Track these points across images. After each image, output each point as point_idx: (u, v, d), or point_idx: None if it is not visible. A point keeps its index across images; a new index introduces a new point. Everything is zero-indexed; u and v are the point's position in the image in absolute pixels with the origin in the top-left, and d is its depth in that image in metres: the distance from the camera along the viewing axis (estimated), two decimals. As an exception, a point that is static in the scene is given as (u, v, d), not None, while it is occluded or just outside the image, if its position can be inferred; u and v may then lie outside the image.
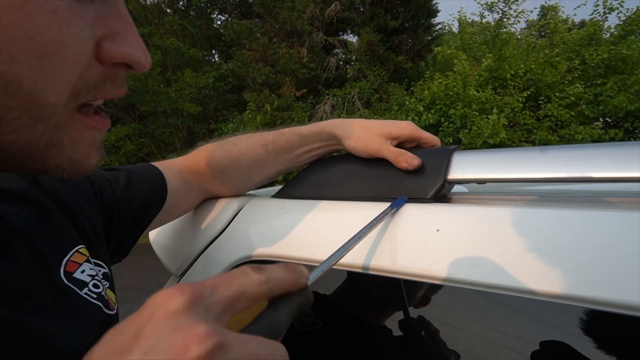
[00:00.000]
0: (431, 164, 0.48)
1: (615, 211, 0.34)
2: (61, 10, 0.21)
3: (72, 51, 0.22)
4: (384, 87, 7.80)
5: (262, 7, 8.18)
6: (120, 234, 0.47)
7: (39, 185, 0.37)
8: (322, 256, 0.46)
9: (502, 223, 0.38)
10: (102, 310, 0.35)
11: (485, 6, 7.39)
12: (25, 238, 0.32)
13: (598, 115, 5.69)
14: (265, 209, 0.57)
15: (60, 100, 0.23)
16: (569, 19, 8.32)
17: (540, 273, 0.33)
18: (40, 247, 0.32)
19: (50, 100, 0.22)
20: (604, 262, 0.31)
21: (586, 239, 0.33)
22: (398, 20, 8.36)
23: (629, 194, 0.46)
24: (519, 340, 0.36)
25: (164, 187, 0.52)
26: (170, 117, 8.71)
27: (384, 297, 0.45)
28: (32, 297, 0.30)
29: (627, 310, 0.29)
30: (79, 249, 0.37)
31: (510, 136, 5.72)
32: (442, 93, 6.01)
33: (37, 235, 0.33)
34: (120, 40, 0.24)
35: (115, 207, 0.46)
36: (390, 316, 0.44)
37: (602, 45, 6.08)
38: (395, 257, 0.41)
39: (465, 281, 0.36)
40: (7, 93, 0.20)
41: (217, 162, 0.57)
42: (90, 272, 0.36)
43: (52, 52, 0.21)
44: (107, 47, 0.23)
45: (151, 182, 0.51)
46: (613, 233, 0.32)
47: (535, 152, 0.44)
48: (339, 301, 0.48)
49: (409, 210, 0.44)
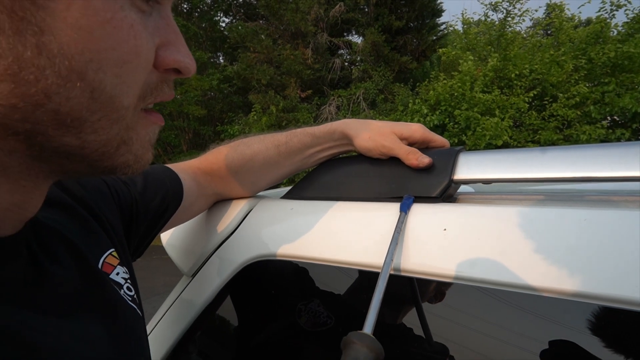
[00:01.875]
0: (437, 164, 0.49)
1: (618, 210, 0.35)
2: (136, 24, 0.23)
3: (143, 59, 0.24)
4: (389, 87, 7.79)
5: (267, 9, 8.23)
6: (138, 235, 0.48)
7: (70, 193, 0.38)
8: (330, 255, 0.47)
9: (508, 222, 0.38)
10: (136, 312, 0.37)
11: (490, 6, 7.36)
12: (65, 241, 0.33)
13: (605, 116, 5.63)
14: (275, 210, 0.58)
15: (131, 103, 0.25)
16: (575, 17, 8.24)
17: (545, 271, 0.34)
18: (80, 250, 0.34)
19: (125, 103, 0.25)
20: (608, 259, 0.32)
21: (590, 238, 0.34)
22: (402, 21, 8.36)
23: (633, 192, 0.47)
24: (528, 338, 0.37)
25: (180, 189, 0.53)
26: (176, 120, 8.78)
27: (394, 295, 0.46)
28: (82, 300, 0.32)
29: (631, 306, 0.30)
30: (112, 252, 0.38)
31: (517, 136, 5.69)
32: (447, 94, 5.99)
33: (74, 238, 0.34)
34: (172, 48, 0.27)
35: (132, 210, 0.46)
36: (400, 314, 0.45)
37: (608, 43, 6.02)
38: (404, 256, 0.42)
39: (472, 279, 0.37)
40: (93, 98, 0.23)
41: (230, 164, 0.58)
42: (123, 275, 0.38)
43: (129, 60, 0.23)
44: (162, 54, 0.26)
45: (167, 184, 0.52)
46: (616, 231, 0.33)
47: (539, 153, 0.44)
48: (349, 299, 0.49)
49: (416, 210, 0.45)
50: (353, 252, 0.46)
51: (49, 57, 0.20)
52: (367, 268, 0.44)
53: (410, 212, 0.45)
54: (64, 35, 0.20)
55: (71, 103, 0.22)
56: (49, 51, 0.20)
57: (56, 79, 0.21)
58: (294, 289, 0.54)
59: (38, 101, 0.21)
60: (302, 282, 0.53)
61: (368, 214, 0.48)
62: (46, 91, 0.21)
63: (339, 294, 0.50)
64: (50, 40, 0.20)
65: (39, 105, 0.21)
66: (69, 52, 0.21)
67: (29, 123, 0.22)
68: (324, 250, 0.48)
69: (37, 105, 0.21)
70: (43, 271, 0.29)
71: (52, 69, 0.21)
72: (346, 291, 0.49)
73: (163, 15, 0.26)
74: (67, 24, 0.20)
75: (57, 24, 0.20)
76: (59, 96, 0.21)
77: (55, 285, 0.30)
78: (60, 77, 0.21)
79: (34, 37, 0.20)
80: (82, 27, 0.21)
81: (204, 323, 0.61)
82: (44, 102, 0.21)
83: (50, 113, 0.22)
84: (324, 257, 0.48)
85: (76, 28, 0.21)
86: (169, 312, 0.64)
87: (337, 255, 0.47)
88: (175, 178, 0.53)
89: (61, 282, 0.30)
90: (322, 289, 0.51)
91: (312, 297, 0.51)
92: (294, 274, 0.54)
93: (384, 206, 0.48)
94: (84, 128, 0.23)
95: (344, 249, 0.47)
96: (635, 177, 0.37)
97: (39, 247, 0.30)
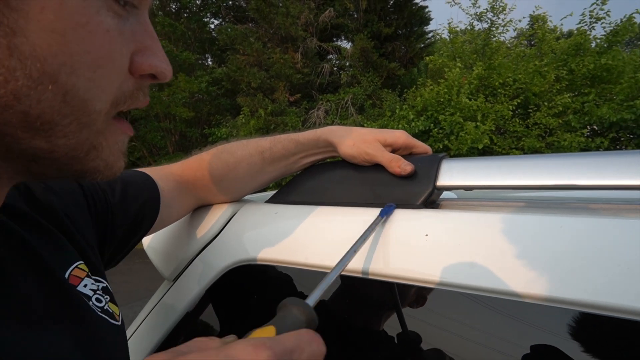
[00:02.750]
0: (421, 171, 0.49)
1: (593, 217, 0.36)
2: (111, 29, 0.23)
3: (117, 65, 0.24)
4: (377, 93, 7.87)
5: (257, 13, 8.22)
6: (114, 245, 0.47)
7: (34, 202, 0.37)
8: (314, 260, 0.47)
9: (489, 228, 0.39)
10: (108, 322, 0.37)
11: (475, 16, 7.53)
12: (30, 253, 0.32)
13: (585, 125, 5.81)
14: (259, 214, 0.58)
15: (103, 108, 0.25)
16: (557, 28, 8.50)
17: (524, 276, 0.35)
18: (45, 262, 0.33)
19: (97, 108, 0.24)
20: (586, 265, 0.33)
21: (566, 244, 0.35)
22: (391, 28, 8.47)
23: (611, 200, 0.48)
24: (508, 343, 0.37)
25: (157, 198, 0.52)
26: (163, 121, 8.66)
27: (377, 300, 0.46)
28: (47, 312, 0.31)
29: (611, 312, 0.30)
30: (78, 265, 0.37)
31: (501, 143, 5.81)
32: (433, 100, 6.09)
33: (39, 250, 0.33)
34: (149, 53, 0.27)
35: (109, 218, 0.45)
36: (383, 318, 0.45)
37: (588, 55, 6.23)
38: (387, 261, 0.42)
39: (453, 284, 0.38)
40: (65, 101, 0.23)
41: (214, 172, 0.57)
42: (92, 287, 0.37)
43: (103, 65, 0.23)
44: (138, 60, 0.26)
45: (145, 193, 0.51)
46: (591, 238, 0.34)
47: (520, 160, 0.45)
48: (332, 305, 0.49)
49: (399, 215, 0.46)
50: (336, 257, 0.46)
51: (20, 59, 0.20)
52: (350, 273, 0.44)
53: (393, 217, 0.45)
54: (36, 38, 0.20)
55: (42, 106, 0.22)
56: (21, 53, 0.20)
57: (27, 81, 0.21)
58: (276, 294, 0.54)
59: (7, 102, 0.21)
60: (286, 287, 0.52)
61: (351, 219, 0.48)
62: (16, 93, 0.21)
63: (322, 299, 0.49)
64: (22, 42, 0.20)
65: (7, 107, 0.21)
66: (42, 55, 0.21)
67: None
68: (308, 256, 0.48)
69: (5, 106, 0.21)
70: (5, 282, 0.28)
71: (22, 71, 0.20)
72: (330, 297, 0.49)
73: (140, 20, 0.26)
74: (41, 26, 0.20)
75: (30, 27, 0.20)
76: (29, 98, 0.21)
77: (20, 297, 0.29)
78: (31, 79, 0.21)
79: (5, 38, 0.20)
80: (55, 30, 0.21)
81: (185, 328, 0.59)
82: (12, 103, 0.21)
83: (19, 115, 0.21)
84: (308, 262, 0.48)
85: (49, 31, 0.21)
86: (149, 317, 0.63)
87: (320, 260, 0.47)
88: (154, 187, 0.52)
89: (26, 294, 0.30)
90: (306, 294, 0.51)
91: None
92: (276, 278, 0.54)
93: (367, 211, 0.48)
94: (54, 132, 0.23)
95: (327, 254, 0.47)
96: (614, 185, 0.38)
97: (1, 258, 0.29)
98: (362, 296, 0.48)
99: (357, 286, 0.47)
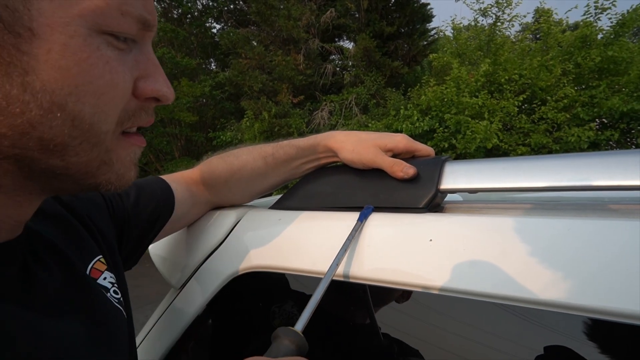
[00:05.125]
0: (424, 174, 0.49)
1: (600, 219, 0.35)
2: (111, 60, 0.27)
3: (119, 91, 0.28)
4: (381, 92, 7.84)
5: (258, 16, 8.24)
6: (131, 244, 0.51)
7: (62, 202, 0.42)
8: (320, 267, 0.47)
9: (495, 232, 0.39)
10: (122, 313, 0.41)
11: (479, 11, 7.46)
12: (55, 250, 0.37)
13: (594, 117, 5.72)
14: (263, 221, 0.58)
15: (110, 128, 0.29)
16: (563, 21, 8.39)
17: (532, 281, 0.34)
18: (68, 257, 0.37)
19: (103, 129, 0.28)
20: (592, 269, 0.32)
21: (572, 247, 0.34)
22: (394, 26, 8.43)
23: (617, 201, 0.47)
24: (513, 348, 0.37)
25: (171, 199, 0.56)
26: (168, 126, 8.73)
27: (378, 306, 0.46)
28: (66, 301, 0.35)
29: (617, 317, 0.30)
30: (99, 259, 0.42)
31: (507, 140, 5.74)
32: (437, 101, 6.05)
33: (64, 247, 0.38)
34: (151, 80, 0.30)
35: (126, 220, 0.50)
36: (383, 325, 0.45)
37: (594, 48, 6.13)
38: (389, 267, 0.42)
39: (459, 290, 0.37)
40: (74, 125, 0.26)
41: (219, 174, 0.61)
42: (110, 280, 0.42)
43: (106, 92, 0.27)
44: (141, 85, 0.30)
45: (159, 194, 0.54)
46: (598, 240, 0.33)
47: (525, 161, 0.45)
48: (333, 312, 0.48)
49: (403, 220, 0.45)
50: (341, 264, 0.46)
51: (32, 93, 0.24)
52: (354, 280, 0.44)
53: (396, 221, 0.45)
54: (45, 75, 0.24)
55: (54, 131, 0.25)
56: (33, 88, 0.24)
57: (39, 111, 0.24)
58: (283, 301, 0.54)
59: (24, 130, 0.25)
60: (293, 294, 0.52)
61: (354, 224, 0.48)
62: (31, 121, 0.24)
63: (328, 305, 0.49)
64: (33, 79, 0.24)
65: (25, 134, 0.25)
66: (50, 88, 0.24)
67: (18, 148, 0.25)
68: (314, 262, 0.48)
69: (23, 133, 0.25)
70: (32, 275, 0.33)
71: (35, 103, 0.24)
72: (337, 303, 0.49)
73: (143, 51, 0.30)
74: (48, 65, 0.24)
75: (39, 66, 0.24)
76: (42, 125, 0.25)
77: (42, 288, 0.33)
78: (43, 109, 0.25)
79: (19, 77, 0.23)
80: (61, 67, 0.24)
81: (192, 336, 0.60)
82: (29, 130, 0.25)
83: (35, 140, 0.25)
84: (314, 269, 0.48)
85: (56, 68, 0.24)
86: (157, 324, 0.63)
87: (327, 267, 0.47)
88: (167, 189, 0.56)
89: (47, 285, 0.34)
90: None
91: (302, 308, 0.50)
92: (283, 286, 0.53)
93: (372, 216, 0.48)
94: (67, 151, 0.27)
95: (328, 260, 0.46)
96: (623, 185, 0.37)
97: (30, 255, 0.34)
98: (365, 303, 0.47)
99: (360, 293, 0.46)
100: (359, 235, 0.46)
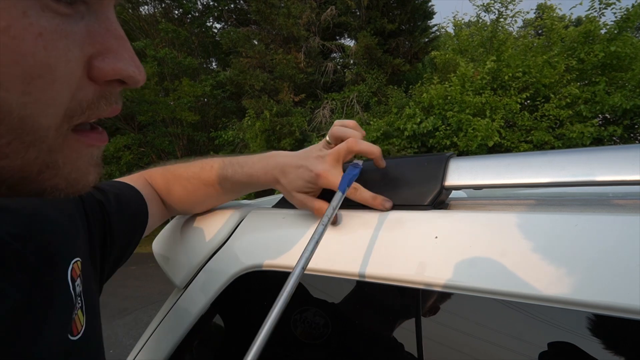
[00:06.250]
0: (428, 171, 0.49)
1: (608, 215, 0.35)
2: (47, 32, 0.19)
3: (61, 73, 0.21)
4: (383, 89, 7.83)
5: (258, 15, 8.23)
6: (115, 252, 0.49)
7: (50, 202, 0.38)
8: (324, 265, 0.47)
9: (500, 228, 0.38)
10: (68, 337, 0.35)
11: (482, 7, 7.42)
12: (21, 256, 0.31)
13: (596, 114, 5.70)
14: (267, 220, 0.58)
15: (53, 123, 0.22)
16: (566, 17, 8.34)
17: (538, 277, 0.34)
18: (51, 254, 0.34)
19: (43, 124, 0.21)
20: (599, 265, 0.32)
21: (581, 243, 0.34)
22: (395, 23, 8.41)
23: (623, 196, 0.47)
24: (519, 345, 0.36)
25: (144, 204, 0.55)
26: (170, 126, 8.76)
27: (386, 305, 0.46)
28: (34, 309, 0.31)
29: (625, 313, 0.30)
30: (77, 261, 0.37)
31: (510, 137, 5.73)
32: (440, 99, 6.04)
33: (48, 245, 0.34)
34: (112, 56, 0.23)
35: (107, 227, 0.47)
36: (392, 323, 0.45)
37: (597, 43, 6.09)
38: (395, 265, 0.42)
39: (465, 287, 0.37)
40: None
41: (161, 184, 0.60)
42: (79, 289, 0.37)
43: (39, 75, 0.20)
44: (98, 65, 0.23)
45: (135, 202, 0.54)
46: (606, 236, 0.33)
47: (530, 157, 0.44)
48: (343, 310, 0.48)
49: (408, 217, 0.45)
50: (343, 261, 0.45)
51: None
52: (359, 278, 0.44)
53: (402, 218, 0.45)
54: None
55: None
56: None
57: None
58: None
59: None
60: (297, 293, 0.52)
61: (358, 222, 0.48)
62: None
63: (333, 303, 0.49)
64: None
65: None
66: None
67: None
68: (317, 261, 0.48)
69: None
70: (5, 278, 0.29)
71: None
72: (341, 301, 0.49)
73: (101, 19, 0.23)
74: None
75: None
76: None
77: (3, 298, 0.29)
78: None
79: None
80: None
81: (196, 336, 0.60)
82: None
83: None
84: (317, 267, 0.48)
85: None
86: (162, 324, 0.63)
87: (330, 266, 0.47)
88: (139, 195, 0.56)
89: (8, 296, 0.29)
90: (317, 298, 0.50)
91: (307, 307, 0.50)
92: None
93: (374, 213, 0.48)
94: None
95: (337, 258, 0.46)
96: (629, 180, 0.37)
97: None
98: (372, 301, 0.47)
99: (364, 291, 0.46)
100: (364, 233, 0.46)
